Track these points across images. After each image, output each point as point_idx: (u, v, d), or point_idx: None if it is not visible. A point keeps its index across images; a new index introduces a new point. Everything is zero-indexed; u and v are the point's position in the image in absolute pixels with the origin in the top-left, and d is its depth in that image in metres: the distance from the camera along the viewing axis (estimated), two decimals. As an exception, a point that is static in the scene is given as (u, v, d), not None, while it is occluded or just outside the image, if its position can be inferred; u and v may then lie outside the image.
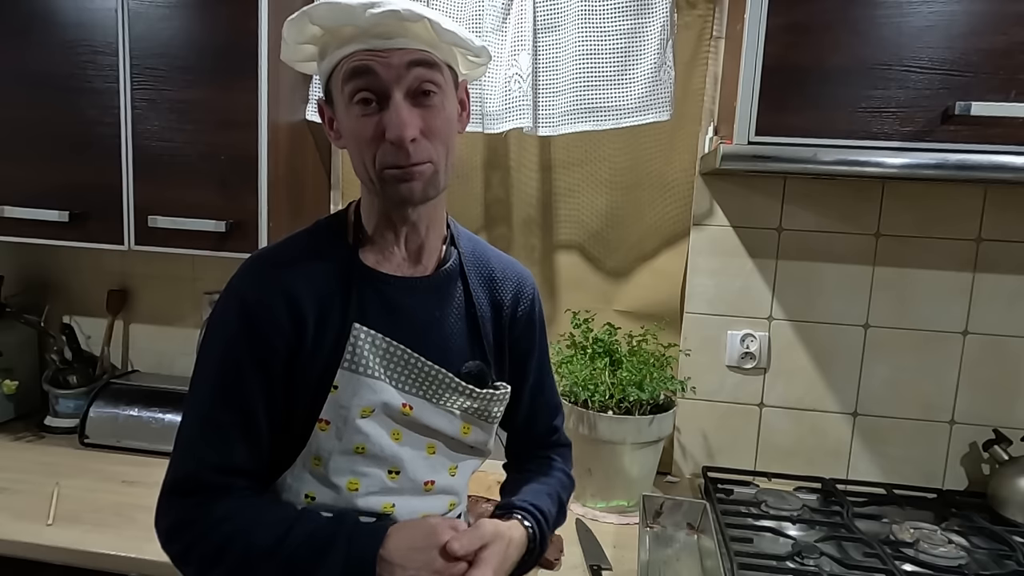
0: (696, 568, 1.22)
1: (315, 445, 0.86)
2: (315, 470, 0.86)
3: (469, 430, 0.95)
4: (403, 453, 0.89)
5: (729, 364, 1.60)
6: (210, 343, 0.86)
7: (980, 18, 1.13)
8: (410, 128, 0.80)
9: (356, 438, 0.86)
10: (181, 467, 0.85)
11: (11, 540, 1.23)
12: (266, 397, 0.84)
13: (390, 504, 0.89)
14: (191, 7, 1.41)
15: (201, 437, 0.84)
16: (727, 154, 1.20)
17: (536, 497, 0.99)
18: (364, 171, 0.85)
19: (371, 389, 0.85)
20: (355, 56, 0.81)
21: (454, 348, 0.93)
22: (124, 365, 1.90)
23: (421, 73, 0.82)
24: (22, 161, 1.50)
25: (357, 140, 0.83)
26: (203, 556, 0.82)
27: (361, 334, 0.85)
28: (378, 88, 0.81)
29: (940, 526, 1.34)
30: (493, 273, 0.99)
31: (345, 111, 0.84)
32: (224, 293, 0.87)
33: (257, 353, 0.83)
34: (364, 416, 0.86)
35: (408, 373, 0.89)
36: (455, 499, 0.97)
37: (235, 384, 0.83)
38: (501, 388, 0.96)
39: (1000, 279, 1.50)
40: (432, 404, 0.91)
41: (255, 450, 0.85)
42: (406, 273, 0.92)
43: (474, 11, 1.53)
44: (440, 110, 0.84)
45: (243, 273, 0.87)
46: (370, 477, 0.87)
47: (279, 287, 0.84)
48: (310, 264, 0.87)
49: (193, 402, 0.86)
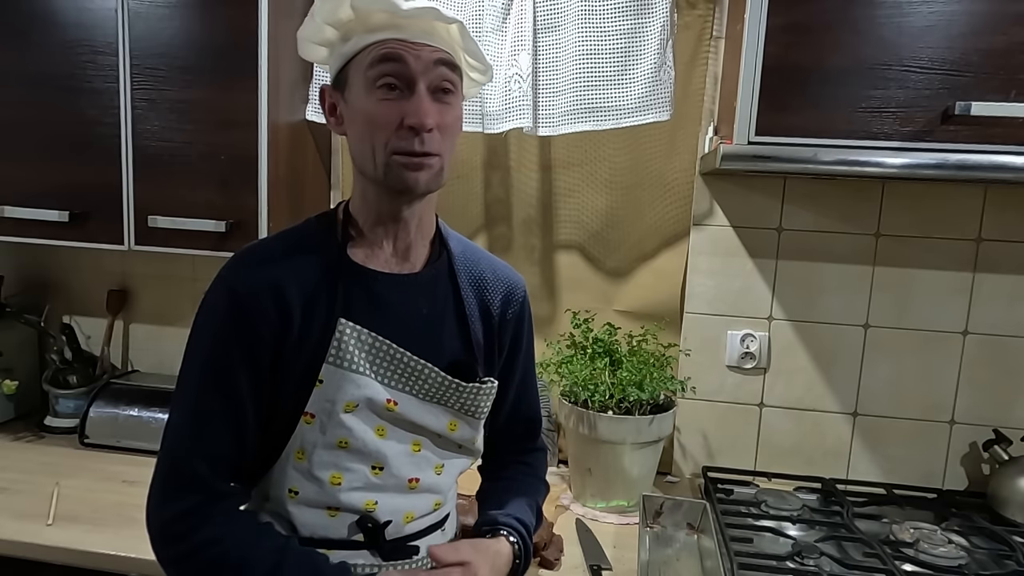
0: (696, 568, 1.22)
1: (299, 438, 0.86)
2: (299, 464, 0.87)
3: (456, 426, 0.95)
4: (387, 449, 0.89)
5: (729, 364, 1.60)
6: (198, 334, 0.87)
7: (980, 18, 1.13)
8: (431, 117, 0.83)
9: (339, 432, 0.86)
10: (170, 460, 0.85)
11: (11, 540, 1.23)
12: (253, 388, 0.85)
13: (372, 501, 0.89)
14: (191, 7, 1.41)
15: (190, 429, 0.85)
16: (727, 154, 1.20)
17: (519, 510, 1.00)
18: (370, 156, 0.86)
19: (355, 384, 0.86)
20: (387, 44, 0.83)
21: (442, 345, 0.93)
22: (124, 365, 1.90)
23: (445, 72, 0.86)
24: (22, 161, 1.50)
25: (372, 124, 0.85)
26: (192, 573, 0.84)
27: (347, 329, 0.86)
28: (405, 76, 0.84)
29: (940, 526, 1.34)
30: (483, 275, 1.00)
31: (364, 94, 0.85)
32: (212, 285, 0.87)
33: (245, 344, 0.84)
34: (348, 411, 0.86)
35: (394, 368, 0.89)
36: (440, 498, 0.97)
37: (223, 374, 0.84)
38: (488, 382, 0.96)
39: (1000, 279, 1.50)
40: (418, 399, 0.92)
41: (242, 441, 0.86)
42: (394, 270, 0.92)
43: (474, 11, 1.53)
44: (453, 108, 0.88)
45: (231, 266, 0.88)
46: (353, 472, 0.88)
47: (266, 279, 0.85)
48: (298, 258, 0.88)
49: (181, 393, 0.86)
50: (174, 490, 0.84)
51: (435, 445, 0.95)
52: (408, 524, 0.93)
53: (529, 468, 1.11)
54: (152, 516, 0.85)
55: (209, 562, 0.82)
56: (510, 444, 1.11)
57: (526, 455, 1.13)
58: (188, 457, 0.84)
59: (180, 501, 0.84)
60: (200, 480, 0.84)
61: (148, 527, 0.85)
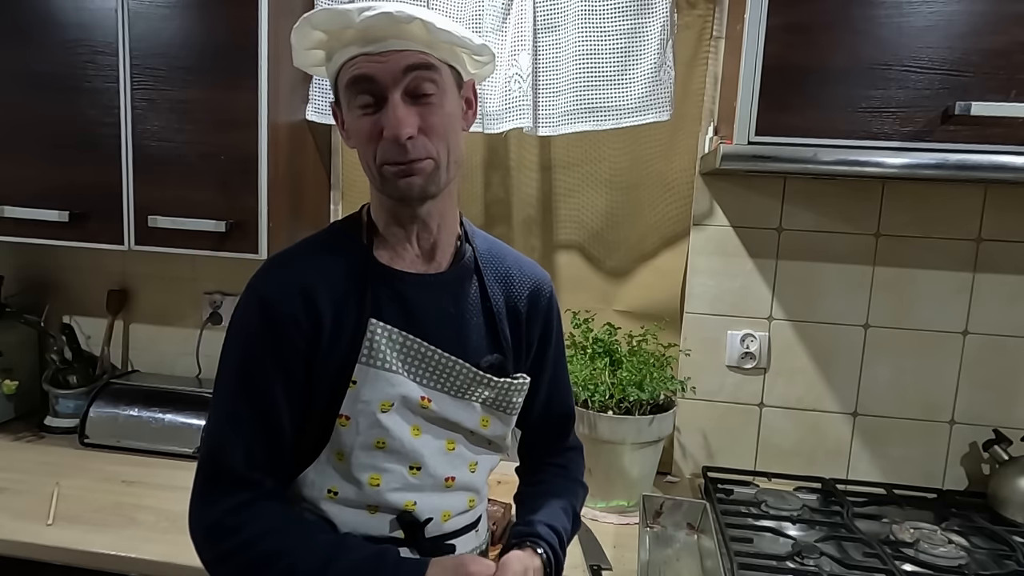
0: (696, 568, 1.22)
1: (337, 440, 0.87)
2: (338, 465, 0.88)
3: (488, 422, 0.96)
4: (423, 448, 0.90)
5: (729, 364, 1.60)
6: (231, 344, 0.88)
7: (980, 18, 1.13)
8: (406, 127, 0.83)
9: (376, 432, 0.87)
10: (212, 464, 0.86)
11: (11, 540, 1.23)
12: (287, 394, 0.86)
13: (411, 501, 0.90)
14: (191, 7, 1.41)
15: (227, 434, 0.86)
16: (727, 154, 1.20)
17: (552, 516, 0.99)
18: (367, 169, 0.89)
19: (389, 383, 0.87)
20: (356, 61, 0.84)
21: (472, 343, 0.94)
22: (124, 365, 1.90)
23: (419, 75, 0.84)
24: (22, 161, 1.50)
25: (360, 139, 0.87)
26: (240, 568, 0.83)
27: (378, 329, 0.86)
28: (376, 92, 0.84)
29: (940, 526, 1.34)
30: (510, 272, 1.00)
31: (349, 111, 0.88)
32: (244, 295, 0.89)
33: (277, 351, 0.85)
34: (384, 410, 0.87)
35: (426, 366, 0.90)
36: (475, 496, 0.98)
37: (257, 382, 0.85)
38: (520, 377, 0.97)
39: (1000, 279, 1.50)
40: (451, 397, 0.92)
41: (278, 446, 0.87)
42: (420, 270, 0.93)
43: (474, 11, 1.53)
44: (438, 107, 0.86)
45: (261, 274, 0.89)
46: (392, 473, 0.89)
47: (296, 286, 0.86)
48: (325, 263, 0.90)
49: (217, 401, 0.88)
50: (220, 490, 0.85)
51: (468, 442, 0.96)
52: (446, 523, 0.93)
53: (564, 471, 1.10)
54: (197, 518, 0.86)
55: (260, 556, 0.82)
56: (544, 444, 1.11)
57: (561, 455, 1.12)
58: (228, 460, 0.85)
59: (227, 498, 0.84)
60: (244, 479, 0.85)
61: (192, 533, 0.85)
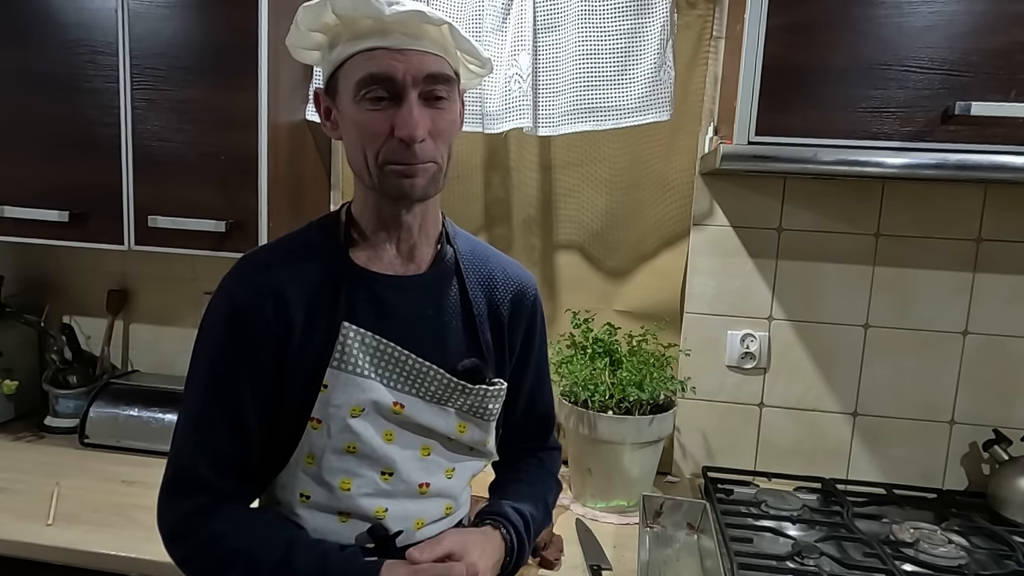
0: (696, 568, 1.22)
1: (308, 443, 0.86)
2: (308, 468, 0.87)
3: (465, 428, 0.94)
4: (395, 454, 0.89)
5: (729, 364, 1.59)
6: (201, 344, 0.88)
7: (980, 18, 1.13)
8: (421, 129, 0.82)
9: (346, 437, 0.86)
10: (176, 464, 0.86)
11: (11, 540, 1.23)
12: (256, 395, 0.85)
13: (383, 508, 0.89)
14: (191, 7, 1.41)
15: (194, 434, 0.86)
16: (727, 154, 1.20)
17: (519, 500, 1.00)
18: (363, 165, 0.85)
19: (360, 388, 0.86)
20: (373, 54, 0.81)
21: (450, 346, 0.93)
22: (124, 365, 1.90)
23: (436, 78, 0.83)
24: (22, 161, 1.50)
25: (362, 133, 0.84)
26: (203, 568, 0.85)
27: (351, 333, 0.85)
28: (393, 88, 0.82)
29: (940, 526, 1.34)
30: (493, 274, 0.99)
31: (354, 104, 0.84)
32: (215, 294, 0.88)
33: (245, 352, 0.85)
34: (355, 415, 0.86)
35: (399, 371, 0.89)
36: (451, 503, 0.96)
37: (225, 383, 0.85)
38: (496, 384, 0.95)
39: (1000, 279, 1.50)
40: (425, 402, 0.91)
41: (246, 447, 0.86)
42: (398, 271, 0.92)
43: (474, 11, 1.53)
44: (448, 113, 0.86)
45: (233, 274, 0.88)
46: (363, 477, 0.88)
47: (267, 287, 0.85)
48: (299, 263, 0.88)
49: (186, 401, 0.88)
50: (180, 494, 0.86)
51: (445, 448, 0.94)
52: (419, 531, 0.92)
53: (540, 463, 1.10)
54: (160, 519, 0.87)
55: (219, 555, 0.83)
56: (524, 442, 1.11)
57: (539, 452, 1.12)
58: (193, 463, 0.85)
59: (185, 503, 0.85)
60: (205, 484, 0.85)
61: (160, 531, 0.87)
